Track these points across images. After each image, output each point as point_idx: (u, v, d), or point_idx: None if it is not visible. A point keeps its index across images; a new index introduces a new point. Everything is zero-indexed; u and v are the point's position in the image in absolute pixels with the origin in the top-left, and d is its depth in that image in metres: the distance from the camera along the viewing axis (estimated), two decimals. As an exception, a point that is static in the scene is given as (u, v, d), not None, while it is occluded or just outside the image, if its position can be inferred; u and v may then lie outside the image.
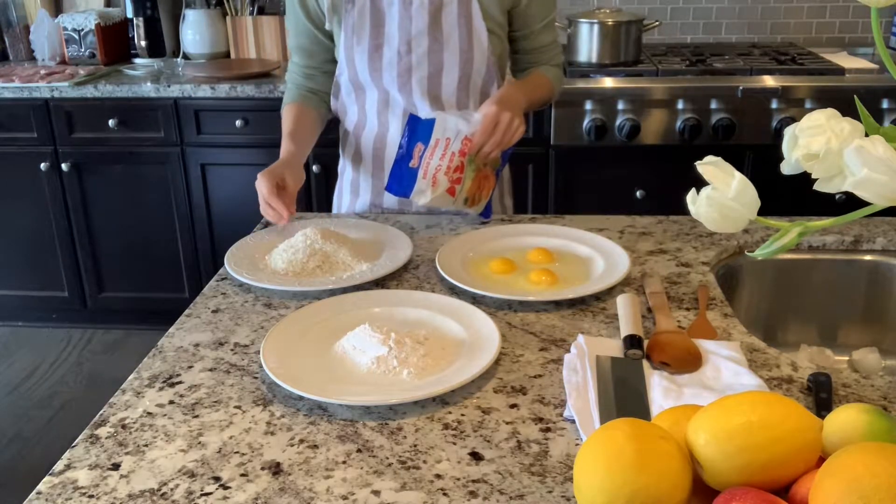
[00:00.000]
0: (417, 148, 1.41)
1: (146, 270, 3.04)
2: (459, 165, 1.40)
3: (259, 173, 1.39)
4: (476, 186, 1.45)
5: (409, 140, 1.42)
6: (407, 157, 1.42)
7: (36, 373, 2.94)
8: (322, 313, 1.13)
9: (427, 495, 0.79)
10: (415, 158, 1.41)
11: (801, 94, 2.53)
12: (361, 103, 1.59)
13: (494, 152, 1.42)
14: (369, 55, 1.51)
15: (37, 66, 3.07)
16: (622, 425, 0.70)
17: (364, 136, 1.62)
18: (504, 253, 1.34)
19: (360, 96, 1.58)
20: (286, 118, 1.60)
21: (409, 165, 1.42)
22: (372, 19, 1.49)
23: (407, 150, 1.42)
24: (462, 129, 1.40)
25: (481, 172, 1.45)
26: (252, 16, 3.08)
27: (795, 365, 1.01)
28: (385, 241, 1.39)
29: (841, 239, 1.39)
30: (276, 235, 1.41)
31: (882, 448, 0.62)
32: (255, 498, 0.79)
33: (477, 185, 1.45)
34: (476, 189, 1.45)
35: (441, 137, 1.40)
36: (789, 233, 0.77)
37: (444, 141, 1.40)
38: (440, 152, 1.40)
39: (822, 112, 0.72)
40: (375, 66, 1.51)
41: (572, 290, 1.20)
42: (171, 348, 1.09)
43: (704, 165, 0.76)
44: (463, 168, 1.41)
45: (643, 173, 2.65)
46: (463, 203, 1.45)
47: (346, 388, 0.96)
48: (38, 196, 2.96)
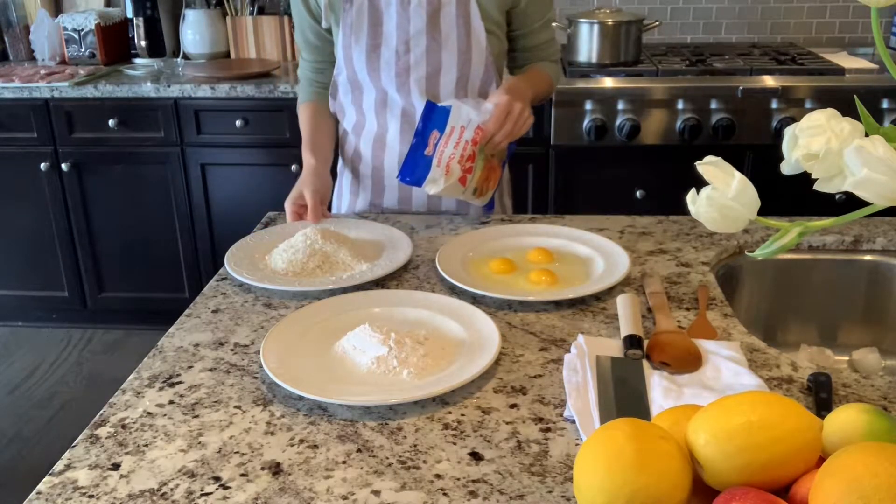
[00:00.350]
0: (433, 135, 1.41)
1: (146, 270, 3.04)
2: (472, 154, 1.40)
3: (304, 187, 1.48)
4: (484, 177, 1.45)
5: (425, 127, 1.42)
6: (422, 145, 1.41)
7: (36, 373, 2.94)
8: (322, 313, 1.13)
9: (427, 495, 0.79)
10: (430, 146, 1.41)
11: (801, 94, 2.53)
12: (359, 103, 1.59)
13: (504, 142, 1.42)
14: (367, 55, 1.51)
15: (37, 66, 3.07)
16: (622, 425, 0.70)
17: (363, 136, 1.62)
18: (504, 253, 1.33)
19: (358, 96, 1.58)
20: (304, 123, 1.61)
21: (423, 153, 1.41)
22: (370, 18, 1.49)
23: (423, 138, 1.42)
24: (474, 118, 1.40)
25: (489, 163, 1.45)
26: (252, 16, 3.08)
27: (795, 365, 1.01)
28: (385, 241, 1.39)
29: (841, 239, 1.39)
30: (277, 236, 1.41)
31: (882, 448, 0.62)
32: (255, 498, 0.79)
33: (485, 175, 1.45)
34: (484, 180, 1.46)
35: (456, 125, 1.40)
36: (789, 233, 0.77)
37: (459, 129, 1.40)
38: (454, 140, 1.40)
39: (822, 112, 0.72)
40: (373, 65, 1.51)
41: (572, 290, 1.20)
42: (171, 348, 1.09)
43: (704, 165, 0.76)
44: (474, 157, 1.41)
45: (643, 173, 2.65)
46: (472, 193, 1.45)
47: (346, 388, 0.96)
48: (38, 196, 2.96)
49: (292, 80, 2.77)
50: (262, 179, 2.84)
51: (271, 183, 2.83)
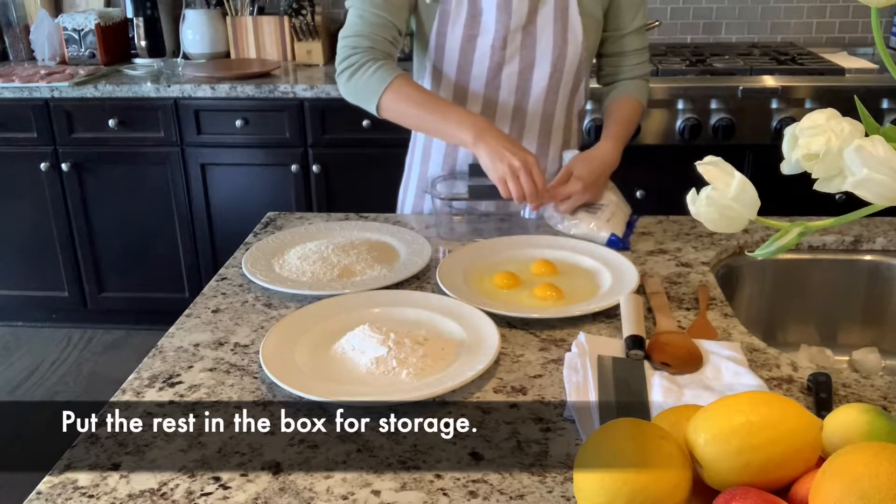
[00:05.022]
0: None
1: (146, 270, 3.04)
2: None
3: (522, 148, 1.30)
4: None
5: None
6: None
7: (36, 373, 2.94)
8: (322, 313, 1.13)
9: (427, 495, 0.79)
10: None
11: (801, 94, 2.52)
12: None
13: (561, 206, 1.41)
14: (462, 45, 1.45)
15: (37, 66, 3.07)
16: (622, 425, 0.70)
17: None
18: (506, 265, 1.29)
19: (436, 89, 1.51)
20: (417, 92, 1.39)
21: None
22: (469, 7, 1.43)
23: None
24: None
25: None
26: (252, 16, 3.08)
27: (795, 365, 1.01)
28: (402, 250, 1.37)
29: (841, 239, 1.39)
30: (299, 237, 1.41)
31: (882, 448, 0.62)
32: (255, 498, 0.79)
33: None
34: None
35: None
36: (789, 233, 0.77)
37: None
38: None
39: (822, 112, 0.72)
40: (467, 57, 1.45)
41: (579, 306, 1.15)
42: (171, 348, 1.09)
43: (704, 165, 0.76)
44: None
45: (643, 173, 2.64)
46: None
47: (346, 388, 0.96)
48: (38, 196, 2.96)
49: (292, 80, 2.77)
50: (262, 179, 2.84)
51: (271, 183, 2.83)
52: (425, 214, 1.59)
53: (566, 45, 1.46)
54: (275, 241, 1.40)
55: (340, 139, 2.72)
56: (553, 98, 1.50)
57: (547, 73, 1.47)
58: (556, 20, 1.44)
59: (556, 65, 1.47)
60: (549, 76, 1.47)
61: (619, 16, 1.52)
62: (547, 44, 1.45)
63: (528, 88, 1.48)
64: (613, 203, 1.45)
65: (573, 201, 1.40)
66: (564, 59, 1.47)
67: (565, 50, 1.46)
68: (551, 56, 1.46)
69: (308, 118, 2.71)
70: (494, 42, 1.44)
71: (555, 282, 1.24)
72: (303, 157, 2.76)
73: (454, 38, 1.45)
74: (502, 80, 1.47)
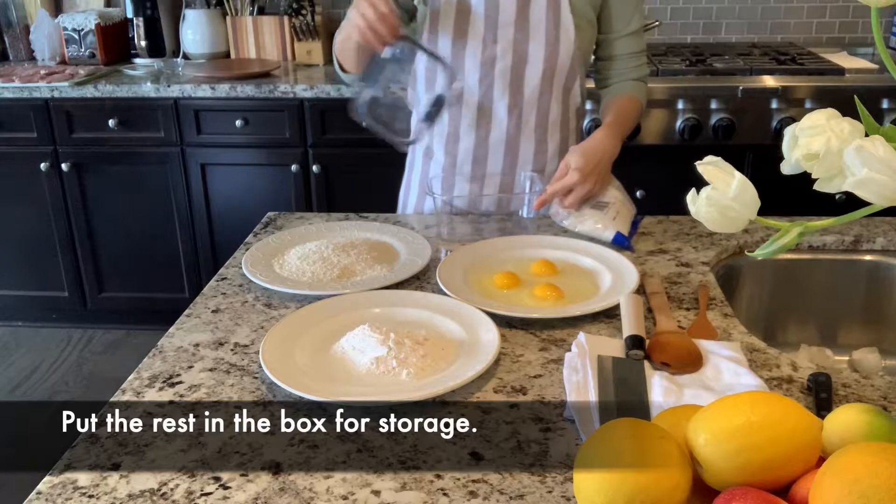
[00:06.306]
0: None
1: (146, 270, 3.04)
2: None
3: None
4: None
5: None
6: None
7: (36, 373, 2.94)
8: (322, 313, 1.13)
9: (427, 495, 0.79)
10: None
11: (801, 94, 2.52)
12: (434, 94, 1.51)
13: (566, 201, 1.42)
14: (452, 41, 1.46)
15: (37, 66, 3.07)
16: (622, 425, 0.70)
17: (436, 132, 1.56)
18: (505, 265, 1.29)
19: (432, 89, 1.51)
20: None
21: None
22: (458, 3, 1.44)
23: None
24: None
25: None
26: (252, 16, 3.08)
27: (795, 365, 1.01)
28: (402, 250, 1.37)
29: (841, 239, 1.39)
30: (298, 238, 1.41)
31: (882, 448, 0.62)
32: (255, 498, 0.79)
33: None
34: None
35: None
36: (789, 233, 0.77)
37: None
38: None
39: (822, 112, 0.72)
40: (458, 53, 1.47)
41: (579, 306, 1.15)
42: (171, 348, 1.09)
43: (704, 165, 0.76)
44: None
45: (643, 173, 2.64)
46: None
47: (346, 388, 0.96)
48: (38, 196, 2.96)
49: (292, 80, 2.77)
50: (262, 179, 2.84)
51: (271, 183, 2.83)
52: (426, 214, 1.59)
53: (559, 43, 1.47)
54: (275, 241, 1.40)
55: (340, 139, 2.72)
56: (548, 94, 1.51)
57: (540, 69, 1.48)
58: (548, 18, 1.45)
59: (549, 61, 1.48)
60: (542, 72, 1.48)
61: (611, 20, 1.53)
62: (539, 40, 1.46)
63: (522, 84, 1.49)
64: (619, 201, 1.45)
65: (575, 194, 1.40)
66: (557, 56, 1.48)
67: (557, 48, 1.47)
68: (544, 52, 1.47)
69: (308, 118, 2.71)
70: (485, 36, 1.45)
71: (555, 282, 1.24)
72: (303, 157, 2.76)
73: (445, 35, 1.46)
74: (496, 75, 1.48)
